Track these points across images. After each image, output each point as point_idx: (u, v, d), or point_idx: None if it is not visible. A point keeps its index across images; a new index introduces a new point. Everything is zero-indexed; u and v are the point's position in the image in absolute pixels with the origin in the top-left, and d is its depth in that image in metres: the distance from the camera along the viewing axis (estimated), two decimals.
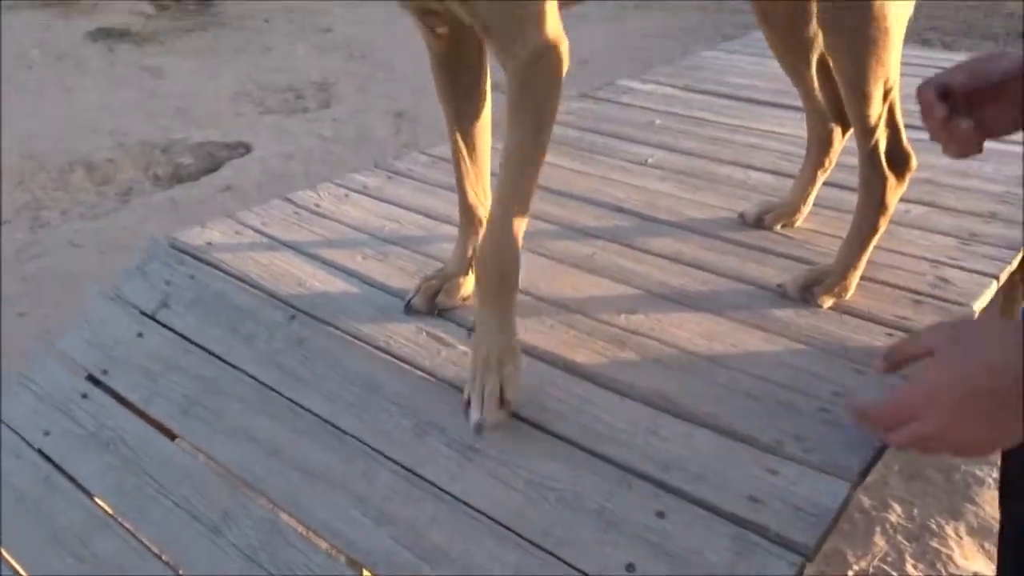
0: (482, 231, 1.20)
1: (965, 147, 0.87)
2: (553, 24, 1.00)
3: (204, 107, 5.48)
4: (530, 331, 1.20)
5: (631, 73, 2.67)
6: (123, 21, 7.43)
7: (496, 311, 1.09)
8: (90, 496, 1.16)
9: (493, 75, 1.23)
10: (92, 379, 1.32)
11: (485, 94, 1.25)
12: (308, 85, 5.90)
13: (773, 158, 1.86)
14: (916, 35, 6.99)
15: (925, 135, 0.91)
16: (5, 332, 2.94)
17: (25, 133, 4.95)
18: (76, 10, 7.76)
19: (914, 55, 2.84)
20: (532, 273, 1.31)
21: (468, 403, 1.07)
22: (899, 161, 1.24)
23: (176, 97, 5.65)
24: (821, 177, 1.53)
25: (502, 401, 1.05)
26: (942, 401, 0.74)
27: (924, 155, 1.29)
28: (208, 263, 1.43)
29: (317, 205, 1.65)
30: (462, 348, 1.20)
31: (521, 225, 1.08)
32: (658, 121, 2.11)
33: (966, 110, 0.85)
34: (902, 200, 1.33)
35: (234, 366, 1.24)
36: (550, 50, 1.00)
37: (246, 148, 4.83)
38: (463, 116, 1.24)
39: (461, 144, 1.26)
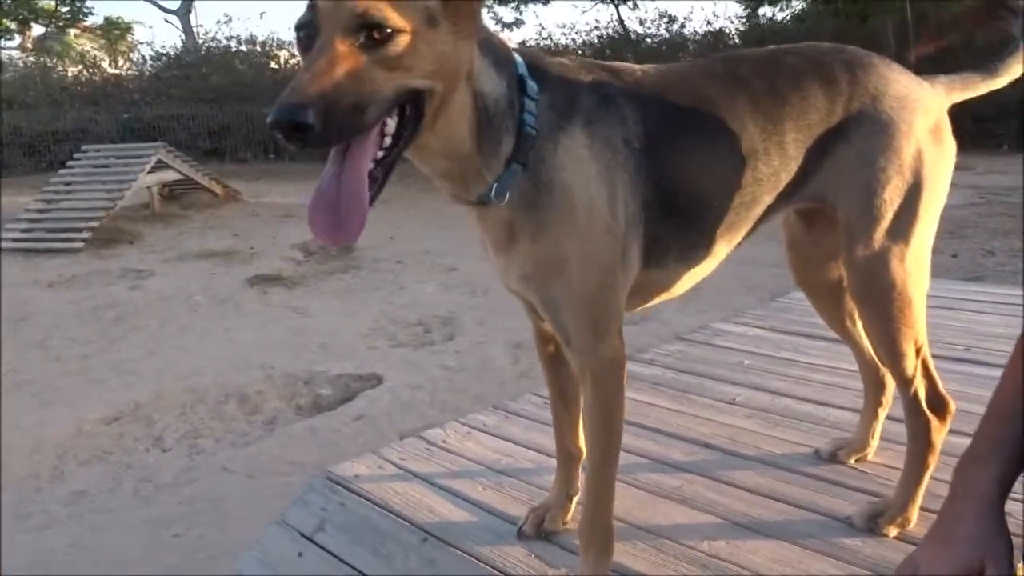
0: (579, 472, 1.49)
1: None
2: (619, 338, 1.31)
3: (342, 342, 6.05)
4: (623, 553, 1.41)
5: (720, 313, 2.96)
6: (276, 267, 8.43)
7: (594, 568, 1.34)
8: None
9: None
10: None
11: None
12: (434, 319, 6.46)
13: (852, 396, 2.06)
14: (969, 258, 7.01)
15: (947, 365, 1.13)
16: (159, 554, 3.23)
17: (188, 369, 5.57)
18: (237, 259, 8.88)
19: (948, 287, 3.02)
20: (627, 503, 1.53)
21: None
22: (938, 406, 1.45)
23: (318, 333, 6.27)
24: (882, 414, 1.72)
25: None
26: None
27: (967, 387, 1.48)
28: (356, 492, 1.74)
29: (444, 441, 1.95)
30: (565, 570, 1.42)
31: (610, 502, 1.35)
32: (747, 362, 2.36)
33: None
34: (956, 431, 1.49)
35: None
36: (617, 362, 1.30)
37: (378, 379, 5.27)
38: (558, 377, 1.55)
39: (557, 400, 1.55)
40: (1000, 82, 1.44)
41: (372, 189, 1.06)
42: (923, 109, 1.37)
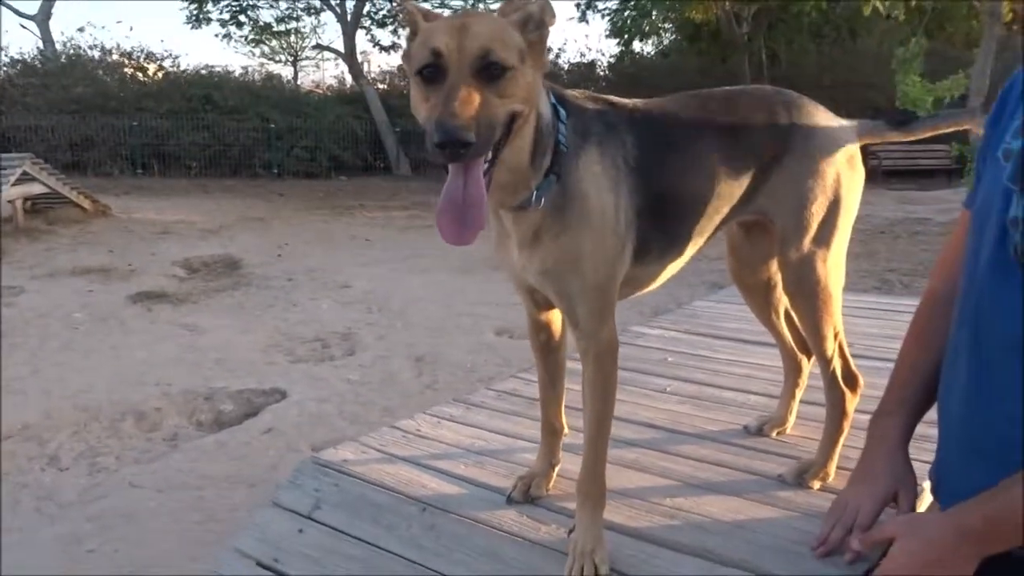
0: (560, 445, 1.74)
1: None
2: (614, 323, 1.57)
3: (239, 357, 6.01)
4: None
5: (636, 319, 3.28)
6: (159, 284, 8.20)
7: (592, 519, 1.57)
8: None
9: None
10: (263, 566, 1.73)
11: (563, 347, 1.81)
12: (332, 335, 6.52)
13: (764, 384, 2.41)
14: (876, 276, 7.89)
15: (870, 363, 1.45)
16: (76, 570, 3.20)
17: (77, 387, 5.38)
18: (115, 276, 8.56)
19: (872, 300, 3.51)
20: None
21: None
22: (851, 380, 1.80)
23: (213, 349, 6.18)
24: (798, 395, 2.08)
25: None
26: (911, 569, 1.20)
27: (878, 378, 1.81)
28: (348, 474, 1.90)
29: (418, 429, 2.14)
30: (554, 526, 1.66)
31: (604, 463, 1.60)
32: (670, 358, 2.68)
33: None
34: (864, 411, 1.83)
35: (383, 548, 1.67)
36: (614, 342, 1.57)
37: (282, 394, 5.28)
38: (547, 362, 1.79)
39: (546, 382, 1.80)
40: (906, 137, 1.83)
41: None
42: (842, 141, 1.72)
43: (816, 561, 1.48)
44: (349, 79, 21.80)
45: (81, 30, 37.48)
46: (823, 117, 1.74)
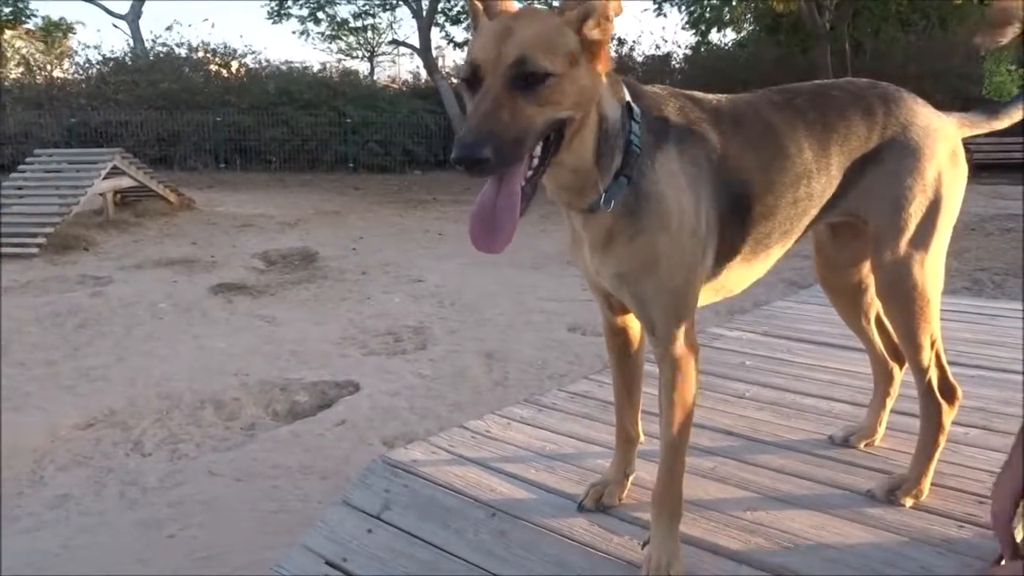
0: (635, 453, 1.67)
1: None
2: (694, 329, 1.50)
3: (314, 350, 6.10)
4: None
5: (713, 319, 3.18)
6: (239, 276, 8.41)
7: (667, 532, 1.51)
8: None
9: None
10: (331, 564, 1.72)
11: (640, 352, 1.74)
12: (404, 329, 6.56)
13: (849, 391, 2.29)
14: (966, 275, 7.53)
15: (963, 371, 1.35)
16: (156, 555, 3.28)
17: (161, 376, 5.55)
18: (198, 267, 8.83)
19: (964, 303, 3.33)
20: None
21: None
22: (948, 391, 1.68)
23: (289, 341, 6.30)
24: (889, 404, 1.96)
25: None
26: None
27: (977, 388, 1.71)
28: (418, 475, 1.88)
29: (488, 431, 2.11)
30: (626, 536, 1.60)
31: (682, 474, 1.53)
32: (748, 362, 2.58)
33: None
34: (962, 424, 1.73)
35: (451, 553, 1.64)
36: (693, 349, 1.49)
37: (355, 387, 5.34)
38: (623, 367, 1.73)
39: (622, 388, 1.73)
40: (1001, 125, 1.70)
41: (523, 202, 1.25)
42: (943, 137, 1.61)
43: None
44: (424, 74, 21.99)
45: (169, 28, 38.77)
46: (923, 111, 1.62)
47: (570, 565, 1.53)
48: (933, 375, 1.67)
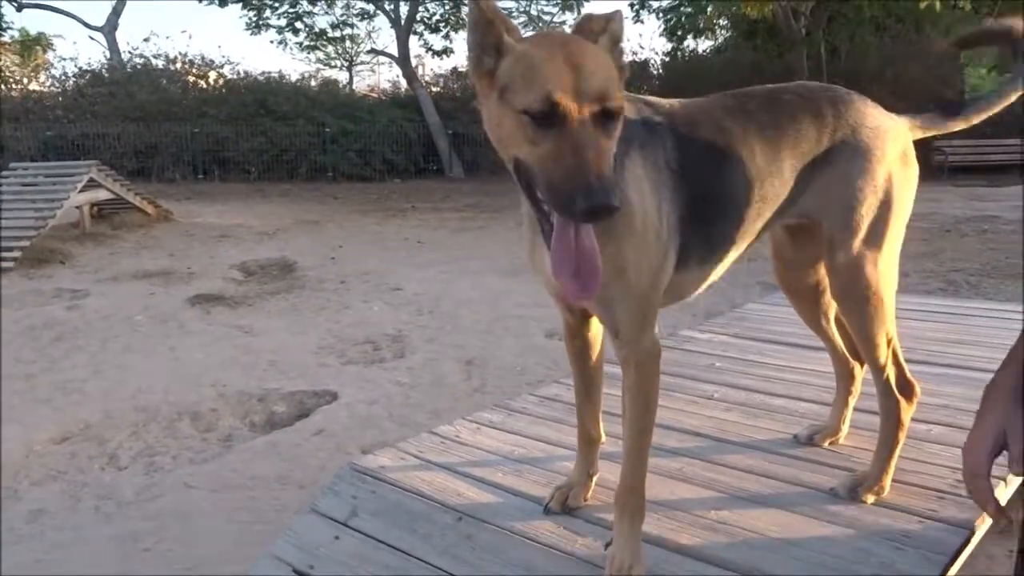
0: (598, 454, 1.68)
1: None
2: (655, 331, 1.51)
3: (292, 360, 6.06)
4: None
5: (688, 322, 3.20)
6: (217, 287, 8.36)
7: (630, 533, 1.52)
8: None
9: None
10: (298, 572, 1.72)
11: (600, 354, 1.75)
12: (383, 338, 6.54)
13: (816, 391, 2.32)
14: (940, 276, 7.61)
15: (935, 370, 1.36)
16: (131, 569, 3.25)
17: (136, 388, 5.49)
18: (175, 279, 8.76)
19: (938, 303, 3.37)
20: None
21: None
22: (906, 388, 1.70)
23: (267, 351, 6.25)
24: (852, 402, 1.98)
25: None
26: None
27: (943, 386, 1.73)
28: (385, 481, 1.88)
29: (457, 435, 2.11)
30: (590, 538, 1.61)
31: (644, 474, 1.53)
32: (717, 364, 2.60)
33: None
34: (925, 421, 1.76)
35: (417, 557, 1.64)
36: (656, 351, 1.51)
37: (333, 396, 5.31)
38: (584, 368, 1.74)
39: (582, 390, 1.74)
40: (959, 126, 1.73)
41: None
42: (893, 138, 1.63)
43: None
44: (403, 83, 21.99)
45: (147, 40, 38.61)
46: (873, 112, 1.65)
47: (535, 567, 1.54)
48: (891, 372, 1.69)
